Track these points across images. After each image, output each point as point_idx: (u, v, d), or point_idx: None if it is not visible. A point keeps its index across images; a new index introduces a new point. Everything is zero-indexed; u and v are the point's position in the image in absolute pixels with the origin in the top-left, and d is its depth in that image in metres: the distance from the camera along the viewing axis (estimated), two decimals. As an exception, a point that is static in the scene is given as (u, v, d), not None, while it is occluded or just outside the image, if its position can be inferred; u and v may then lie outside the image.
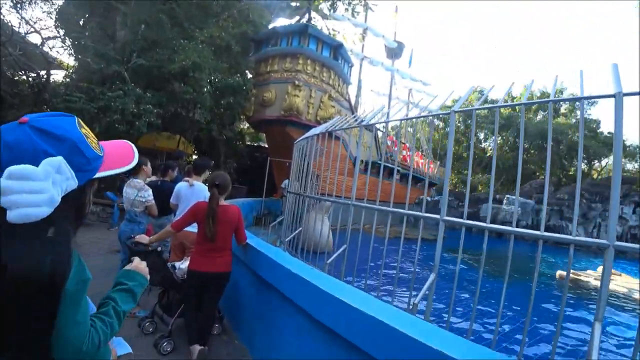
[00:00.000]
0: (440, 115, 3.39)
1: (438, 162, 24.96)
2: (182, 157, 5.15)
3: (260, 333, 2.82)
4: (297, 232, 5.33)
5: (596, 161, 30.63)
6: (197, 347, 2.53)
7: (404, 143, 19.54)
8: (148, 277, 1.13)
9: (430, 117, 3.41)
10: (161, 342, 2.71)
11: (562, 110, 30.64)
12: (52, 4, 10.45)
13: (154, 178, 4.25)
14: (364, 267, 4.68)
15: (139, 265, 1.12)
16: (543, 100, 2.68)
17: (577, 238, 2.36)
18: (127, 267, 1.10)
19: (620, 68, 2.25)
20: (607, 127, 31.35)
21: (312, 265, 4.43)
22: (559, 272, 9.13)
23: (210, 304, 2.68)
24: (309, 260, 4.66)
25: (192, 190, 3.55)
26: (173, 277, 2.77)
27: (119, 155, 0.88)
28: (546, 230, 2.50)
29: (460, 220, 2.96)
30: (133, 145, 0.95)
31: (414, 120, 3.62)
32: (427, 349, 1.35)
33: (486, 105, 3.16)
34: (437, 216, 3.08)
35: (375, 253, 3.63)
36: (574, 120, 30.14)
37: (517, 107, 25.88)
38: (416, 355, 1.39)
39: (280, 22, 15.09)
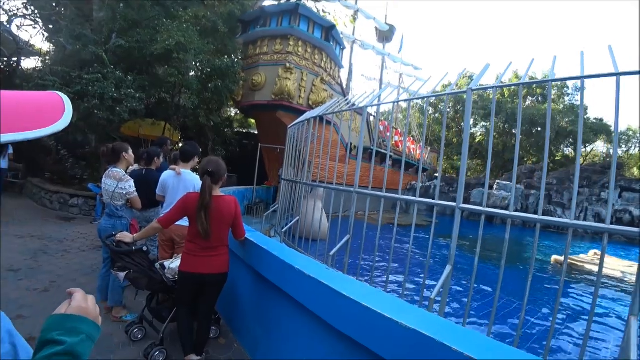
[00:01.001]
0: (457, 94, 3.10)
1: (429, 148, 24.90)
2: (166, 143, 4.75)
3: (263, 336, 2.54)
4: (294, 221, 5.05)
5: (582, 146, 31.01)
6: (193, 358, 2.23)
7: (395, 128, 19.31)
8: (100, 320, 0.71)
9: (444, 96, 3.11)
10: (152, 352, 2.40)
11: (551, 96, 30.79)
12: None
13: (136, 167, 3.85)
14: (369, 258, 4.47)
15: (83, 305, 0.68)
16: (573, 77, 2.40)
17: (611, 227, 2.16)
18: (64, 308, 0.68)
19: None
20: (593, 112, 31.79)
21: (312, 256, 4.18)
22: (554, 257, 9.15)
23: (206, 309, 2.36)
24: (308, 251, 4.40)
25: (180, 180, 3.20)
26: (162, 279, 2.44)
27: (29, 109, 0.50)
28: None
29: (480, 208, 2.71)
30: (66, 98, 0.58)
31: (423, 100, 3.32)
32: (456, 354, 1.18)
33: (508, 83, 2.88)
34: (454, 204, 2.83)
35: (373, 241, 3.40)
36: (561, 106, 30.34)
37: (513, 87, 25.90)
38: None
39: (268, 3, 14.37)
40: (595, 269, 8.75)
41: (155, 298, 2.85)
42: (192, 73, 10.31)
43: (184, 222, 2.47)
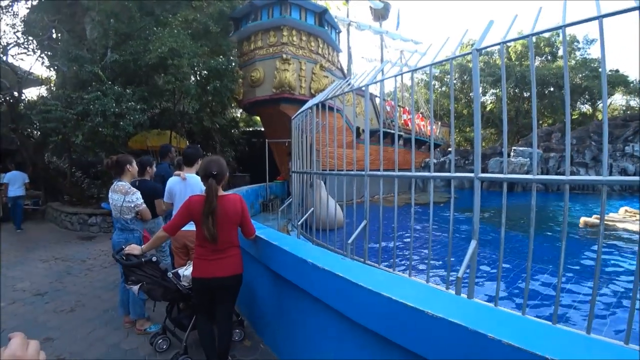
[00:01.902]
0: (461, 57, 2.89)
1: (439, 123, 24.29)
2: (170, 150, 4.72)
3: (288, 335, 2.46)
4: (308, 213, 4.95)
5: (600, 102, 29.63)
6: (217, 365, 2.17)
7: (402, 107, 18.86)
8: None
9: (449, 66, 2.89)
10: (177, 361, 2.35)
11: (561, 53, 29.41)
12: (15, 16, 9.67)
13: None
14: (389, 241, 4.36)
15: (18, 353, 0.52)
16: (591, 18, 2.15)
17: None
18: None
19: None
20: (608, 64, 30.23)
21: (331, 246, 4.07)
22: (583, 219, 8.75)
23: (224, 314, 2.29)
24: (327, 242, 4.30)
25: (186, 185, 3.12)
26: (177, 288, 2.37)
27: None
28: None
29: (500, 175, 2.52)
30: None
31: (430, 68, 3.09)
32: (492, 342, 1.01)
33: (517, 36, 2.66)
34: (472, 175, 2.65)
35: (391, 225, 3.26)
36: (573, 62, 28.94)
37: (522, 41, 24.96)
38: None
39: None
40: (630, 227, 8.31)
41: (176, 307, 2.81)
42: (192, 78, 10.26)
43: (192, 226, 2.38)
